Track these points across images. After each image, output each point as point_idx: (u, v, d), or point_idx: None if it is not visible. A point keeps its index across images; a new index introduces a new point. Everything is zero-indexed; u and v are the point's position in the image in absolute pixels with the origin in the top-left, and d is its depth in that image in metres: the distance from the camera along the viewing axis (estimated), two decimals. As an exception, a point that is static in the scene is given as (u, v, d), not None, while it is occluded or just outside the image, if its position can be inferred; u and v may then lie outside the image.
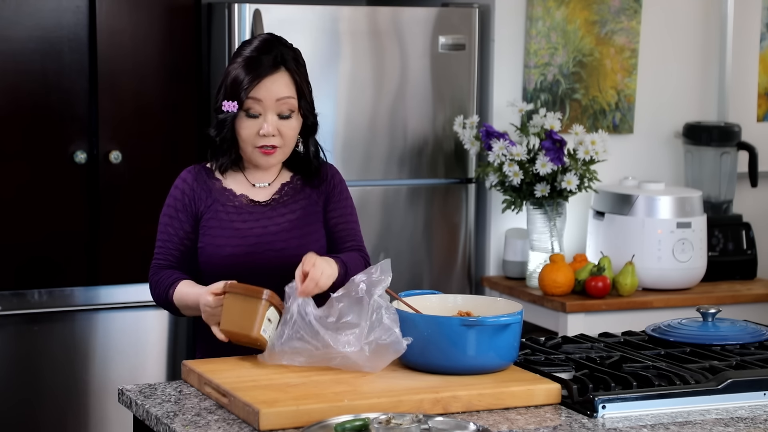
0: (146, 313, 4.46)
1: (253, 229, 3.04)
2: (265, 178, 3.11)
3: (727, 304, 4.40)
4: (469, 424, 2.40)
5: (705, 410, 2.61)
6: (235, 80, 3.00)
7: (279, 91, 3.00)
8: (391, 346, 2.70)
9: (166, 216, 3.10)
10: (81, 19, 4.32)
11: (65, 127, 4.33)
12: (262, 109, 3.00)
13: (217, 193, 3.07)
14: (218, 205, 3.06)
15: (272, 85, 3.00)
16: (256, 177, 3.10)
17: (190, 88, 4.49)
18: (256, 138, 3.01)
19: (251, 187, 3.09)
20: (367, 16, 4.55)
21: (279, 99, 3.00)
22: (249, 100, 2.99)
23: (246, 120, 3.01)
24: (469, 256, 4.75)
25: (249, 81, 2.99)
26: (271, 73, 3.00)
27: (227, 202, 3.06)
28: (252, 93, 2.99)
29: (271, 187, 3.10)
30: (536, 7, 4.70)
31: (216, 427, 2.47)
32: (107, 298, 4.41)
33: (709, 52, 5.00)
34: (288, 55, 3.04)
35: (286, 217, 3.07)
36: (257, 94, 2.99)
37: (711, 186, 4.87)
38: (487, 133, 4.48)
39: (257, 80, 2.99)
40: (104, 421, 4.42)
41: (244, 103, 3.00)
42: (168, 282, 3.01)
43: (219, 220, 3.05)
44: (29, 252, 4.33)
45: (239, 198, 3.07)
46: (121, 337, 4.44)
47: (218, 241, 3.03)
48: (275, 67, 3.01)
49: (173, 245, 3.07)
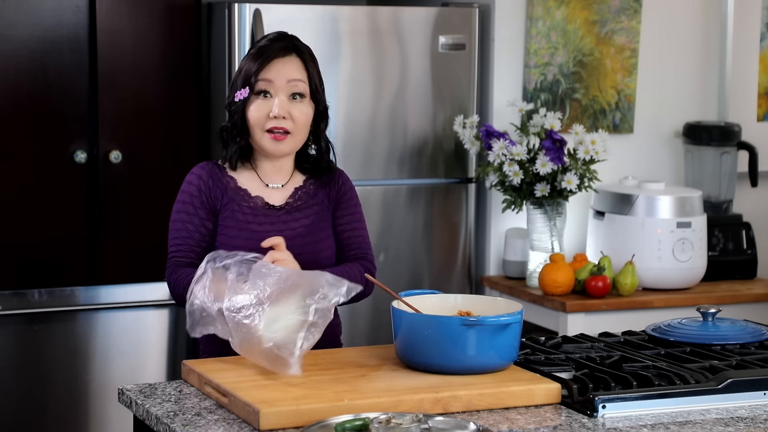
0: (146, 313, 4.46)
1: (269, 232, 3.01)
2: (278, 178, 3.09)
3: (727, 304, 4.40)
4: (469, 423, 2.40)
5: (705, 410, 2.62)
6: (246, 67, 3.02)
7: (290, 72, 3.00)
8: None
9: (183, 213, 3.05)
10: (81, 19, 4.32)
11: (65, 126, 4.33)
12: (273, 91, 2.99)
13: (232, 192, 3.05)
14: (234, 205, 3.04)
15: (283, 66, 3.00)
16: (269, 176, 3.09)
17: (190, 88, 4.49)
18: (266, 120, 3.00)
19: (265, 187, 3.07)
20: (367, 16, 4.55)
21: (290, 80, 3.00)
22: (260, 82, 2.99)
23: (256, 101, 3.00)
24: (469, 255, 4.75)
25: (260, 63, 2.99)
26: (282, 56, 3.01)
27: (242, 202, 3.04)
28: (262, 74, 2.99)
29: (284, 190, 3.09)
30: (536, 6, 4.70)
31: (216, 427, 2.47)
32: (107, 298, 4.41)
33: (709, 52, 5.00)
34: (302, 46, 3.06)
35: (301, 222, 3.06)
36: (267, 74, 2.99)
37: (711, 186, 4.87)
38: (487, 133, 4.48)
39: (267, 62, 2.99)
40: (104, 421, 4.42)
41: (255, 86, 2.99)
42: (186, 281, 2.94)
43: (236, 221, 3.02)
44: (29, 252, 4.33)
45: (254, 199, 3.05)
46: (121, 337, 4.44)
47: (235, 242, 3.00)
48: (286, 51, 3.02)
49: (194, 242, 3.02)
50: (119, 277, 4.41)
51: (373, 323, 4.47)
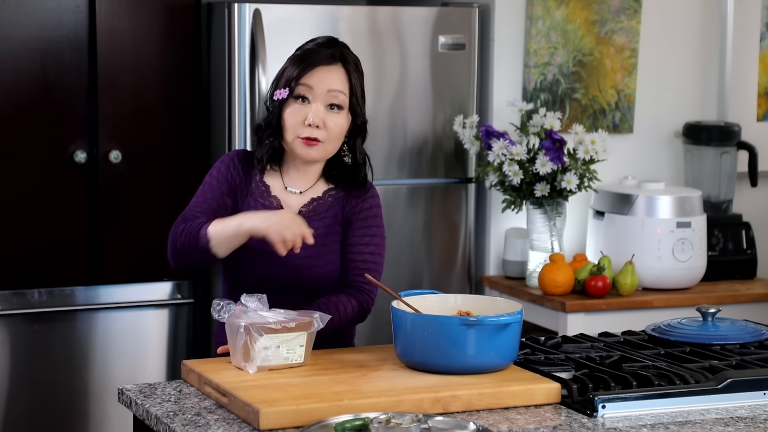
0: (146, 313, 4.46)
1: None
2: (299, 183, 3.06)
3: (727, 304, 4.40)
4: (469, 423, 2.40)
5: (705, 410, 2.62)
6: (289, 68, 2.99)
7: (332, 82, 2.96)
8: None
9: (207, 184, 3.04)
10: (81, 19, 4.32)
11: (65, 126, 4.33)
12: (311, 97, 2.96)
13: (254, 184, 3.03)
14: (251, 200, 3.02)
15: (326, 74, 2.97)
16: (292, 179, 3.05)
17: (190, 88, 4.49)
18: (300, 127, 2.96)
19: (284, 190, 3.05)
20: (367, 16, 4.55)
21: (330, 90, 2.96)
22: (300, 86, 2.96)
23: (293, 105, 2.97)
24: (469, 255, 4.75)
25: (303, 67, 2.96)
26: (326, 64, 2.97)
27: (260, 198, 3.02)
28: (304, 79, 2.96)
29: (302, 197, 3.05)
30: (536, 6, 4.70)
31: (216, 426, 2.47)
32: (107, 298, 4.41)
33: (709, 52, 5.00)
34: (349, 56, 3.01)
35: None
36: (309, 80, 2.96)
37: (711, 186, 4.88)
38: (487, 133, 4.48)
39: (311, 67, 2.96)
40: (104, 421, 4.43)
41: (295, 89, 2.96)
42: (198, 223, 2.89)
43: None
44: (29, 252, 4.33)
45: (272, 199, 3.03)
46: (121, 337, 4.44)
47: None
48: (332, 60, 2.98)
49: (208, 207, 2.99)
50: (119, 277, 4.42)
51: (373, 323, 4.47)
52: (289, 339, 2.75)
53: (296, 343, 2.76)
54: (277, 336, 2.74)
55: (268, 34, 4.37)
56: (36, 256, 4.34)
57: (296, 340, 2.75)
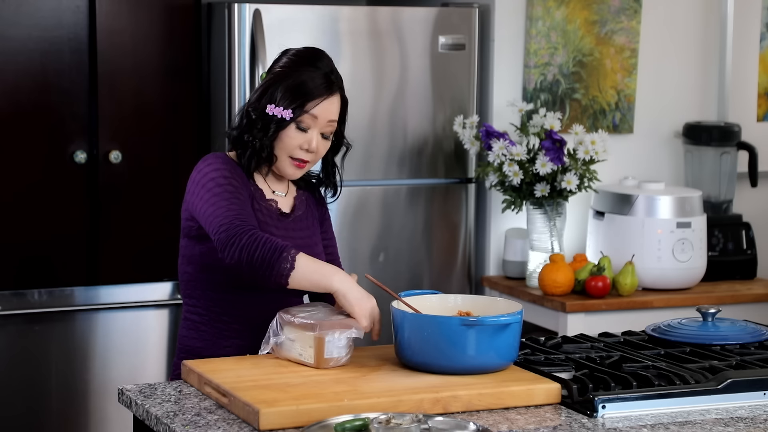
0: (146, 313, 4.46)
1: (283, 238, 2.97)
2: (281, 187, 3.09)
3: (727, 304, 4.40)
4: (469, 423, 2.40)
5: (705, 410, 2.62)
6: (303, 89, 2.96)
7: (332, 113, 3.01)
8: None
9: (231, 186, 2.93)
10: (81, 19, 4.32)
11: (65, 126, 4.33)
12: (313, 126, 2.99)
13: (253, 187, 3.03)
14: (254, 203, 3.03)
15: (330, 105, 3.00)
16: (274, 184, 3.08)
17: (190, 88, 4.49)
18: (296, 150, 2.98)
19: (272, 193, 3.06)
20: (367, 16, 4.55)
21: (330, 120, 3.00)
22: (306, 116, 2.97)
23: (294, 131, 2.97)
24: (469, 256, 4.75)
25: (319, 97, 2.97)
26: (332, 94, 3.00)
27: (261, 201, 3.03)
28: (314, 110, 2.97)
29: (287, 199, 3.09)
30: (536, 6, 4.70)
31: (216, 427, 2.47)
32: (107, 298, 4.41)
33: (709, 52, 5.00)
34: (340, 79, 3.05)
35: (304, 233, 3.06)
36: (317, 111, 2.97)
37: (711, 186, 4.88)
38: (487, 133, 4.48)
39: (324, 98, 2.98)
40: (104, 421, 4.43)
41: (301, 119, 2.97)
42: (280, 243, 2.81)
43: (257, 221, 3.00)
44: (29, 252, 4.33)
45: (269, 202, 3.04)
46: (121, 337, 4.44)
47: None
48: (333, 89, 3.01)
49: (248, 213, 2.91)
50: (119, 277, 4.42)
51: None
52: (301, 336, 2.78)
53: (306, 343, 2.77)
54: (293, 330, 2.79)
55: (268, 35, 4.37)
56: (36, 256, 4.34)
57: (306, 340, 2.77)
